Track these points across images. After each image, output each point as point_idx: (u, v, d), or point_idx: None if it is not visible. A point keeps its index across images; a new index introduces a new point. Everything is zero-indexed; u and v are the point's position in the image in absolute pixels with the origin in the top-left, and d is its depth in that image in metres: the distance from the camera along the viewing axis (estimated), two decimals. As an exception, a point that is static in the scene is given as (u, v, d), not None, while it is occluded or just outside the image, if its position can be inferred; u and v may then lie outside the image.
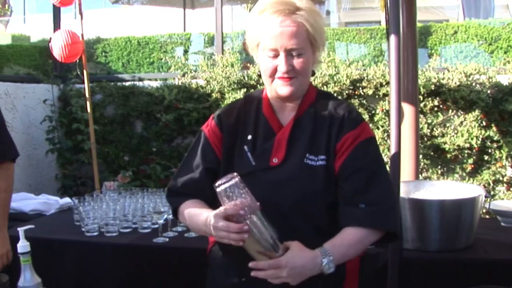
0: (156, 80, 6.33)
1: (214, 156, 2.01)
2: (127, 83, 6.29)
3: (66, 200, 4.16)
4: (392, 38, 2.49)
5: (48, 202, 4.08)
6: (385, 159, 5.20)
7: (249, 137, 1.98)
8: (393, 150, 2.46)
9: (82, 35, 4.96)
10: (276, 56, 1.88)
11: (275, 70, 1.89)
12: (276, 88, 1.92)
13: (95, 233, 3.28)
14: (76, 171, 6.27)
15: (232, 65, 5.79)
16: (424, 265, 2.77)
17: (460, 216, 2.82)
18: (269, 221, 1.71)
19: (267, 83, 1.95)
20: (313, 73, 1.99)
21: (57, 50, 4.84)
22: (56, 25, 6.35)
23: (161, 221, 3.15)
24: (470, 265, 2.74)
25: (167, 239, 3.14)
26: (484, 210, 4.52)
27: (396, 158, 2.47)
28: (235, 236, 1.65)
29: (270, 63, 1.89)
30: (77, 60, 5.10)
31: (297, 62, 1.87)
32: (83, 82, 5.17)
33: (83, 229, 3.31)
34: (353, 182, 1.88)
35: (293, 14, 1.85)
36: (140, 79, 6.44)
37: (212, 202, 1.87)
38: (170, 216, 3.13)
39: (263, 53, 1.91)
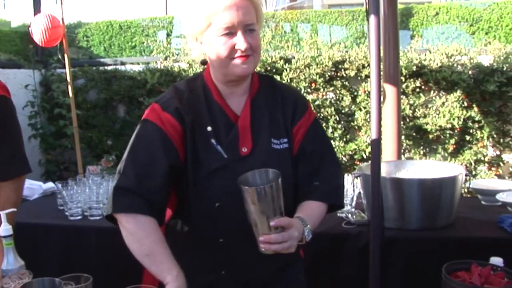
0: (138, 64, 6.31)
1: (176, 153, 1.83)
2: (109, 67, 6.28)
3: (50, 185, 4.15)
4: (372, 18, 2.50)
5: (31, 187, 4.06)
6: (367, 140, 5.26)
7: (209, 128, 1.87)
8: (374, 130, 2.48)
9: (62, 19, 4.91)
10: (231, 34, 1.78)
11: (232, 50, 1.79)
12: (234, 69, 1.81)
13: (79, 217, 3.29)
14: (59, 156, 6.25)
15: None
16: (406, 244, 2.80)
17: (441, 195, 2.85)
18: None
19: (222, 66, 1.83)
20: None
21: (38, 35, 4.80)
22: (36, 10, 6.28)
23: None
24: (450, 243, 2.78)
25: (150, 222, 3.14)
26: (465, 190, 4.57)
27: (376, 139, 2.48)
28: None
29: (226, 43, 1.78)
30: (58, 45, 5.06)
31: (252, 38, 1.80)
32: (64, 67, 5.14)
33: (66, 213, 3.31)
34: (309, 163, 1.96)
35: None
36: (122, 63, 6.42)
37: (163, 206, 1.83)
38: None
39: (215, 34, 1.79)
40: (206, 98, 1.90)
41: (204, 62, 1.94)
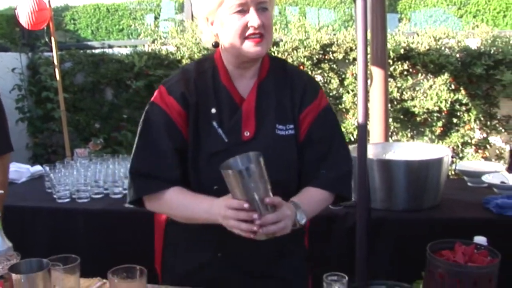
0: (126, 47, 6.28)
1: (181, 136, 1.85)
2: (97, 51, 6.24)
3: (37, 168, 4.14)
4: (359, 1, 2.50)
5: (19, 171, 4.05)
6: (355, 123, 5.27)
7: (213, 110, 1.85)
8: (360, 114, 2.49)
9: (49, 1, 4.87)
10: (243, 12, 1.74)
11: (244, 28, 1.75)
12: (246, 51, 1.78)
13: (67, 200, 3.30)
14: (47, 140, 6.23)
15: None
16: (392, 225, 2.83)
17: (427, 176, 2.88)
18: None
19: (234, 47, 1.79)
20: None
21: (24, 17, 4.77)
22: (23, -8, 6.24)
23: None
24: (436, 224, 2.81)
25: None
26: (452, 172, 4.60)
27: (363, 122, 2.50)
28: (245, 226, 1.60)
29: (239, 20, 1.75)
30: (45, 28, 5.03)
31: (265, 18, 1.76)
32: (51, 50, 5.11)
33: (54, 196, 3.32)
34: (316, 150, 1.91)
35: None
36: (110, 46, 6.39)
37: (180, 179, 1.85)
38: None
39: (228, 12, 1.76)
40: (214, 81, 1.88)
41: (216, 45, 1.89)
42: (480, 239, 1.61)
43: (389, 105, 4.65)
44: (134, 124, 5.90)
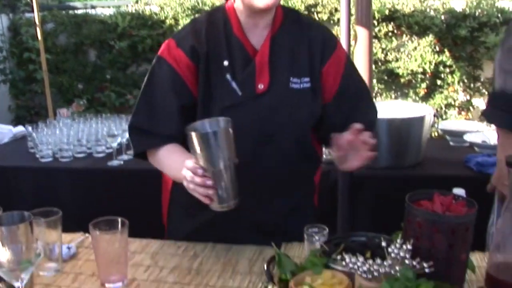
0: (109, 7, 6.21)
1: (188, 92, 1.79)
2: (79, 11, 6.17)
3: (20, 128, 4.11)
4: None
5: (1, 132, 4.02)
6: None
7: (226, 63, 1.78)
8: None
9: (29, -40, 4.82)
10: None
11: None
12: (256, 1, 1.70)
13: (50, 159, 3.29)
14: (29, 102, 6.19)
15: (186, -9, 5.72)
16: (374, 182, 2.86)
17: (409, 135, 2.90)
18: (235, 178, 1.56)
19: None
20: None
21: (4, -24, 4.70)
22: (2, -50, 6.14)
23: (115, 145, 3.15)
24: (418, 181, 2.84)
25: (121, 162, 3.17)
26: (436, 133, 4.63)
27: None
28: (201, 190, 1.53)
29: None
30: (26, -13, 4.97)
31: None
32: (33, 11, 5.04)
33: (37, 156, 3.31)
34: (350, 100, 1.89)
35: None
36: (93, 7, 6.31)
37: (178, 140, 1.79)
38: (125, 140, 3.15)
39: None
40: (226, 32, 1.81)
41: None
42: (459, 191, 1.63)
43: (374, 66, 4.66)
44: (117, 85, 5.88)
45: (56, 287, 1.60)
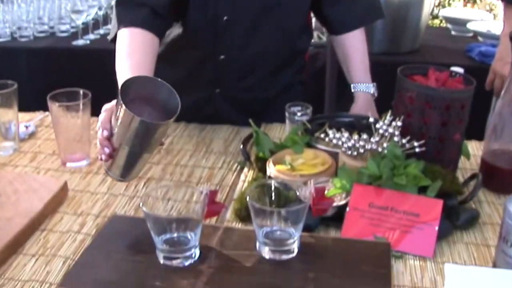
0: None
1: None
2: None
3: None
4: None
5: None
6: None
7: None
8: None
9: None
10: None
11: None
12: None
13: (7, 38, 3.23)
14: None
15: None
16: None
17: (406, 17, 2.87)
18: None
19: None
20: None
21: None
22: None
23: (81, 23, 3.08)
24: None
25: (88, 42, 3.12)
26: (437, 23, 4.59)
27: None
28: (99, 150, 1.37)
29: None
30: None
31: None
32: None
33: (-7, 35, 3.25)
34: None
35: None
36: None
37: (167, 22, 1.73)
38: (91, 17, 3.08)
39: None
40: None
41: None
42: (457, 69, 1.61)
43: None
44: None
45: (13, 167, 1.59)
